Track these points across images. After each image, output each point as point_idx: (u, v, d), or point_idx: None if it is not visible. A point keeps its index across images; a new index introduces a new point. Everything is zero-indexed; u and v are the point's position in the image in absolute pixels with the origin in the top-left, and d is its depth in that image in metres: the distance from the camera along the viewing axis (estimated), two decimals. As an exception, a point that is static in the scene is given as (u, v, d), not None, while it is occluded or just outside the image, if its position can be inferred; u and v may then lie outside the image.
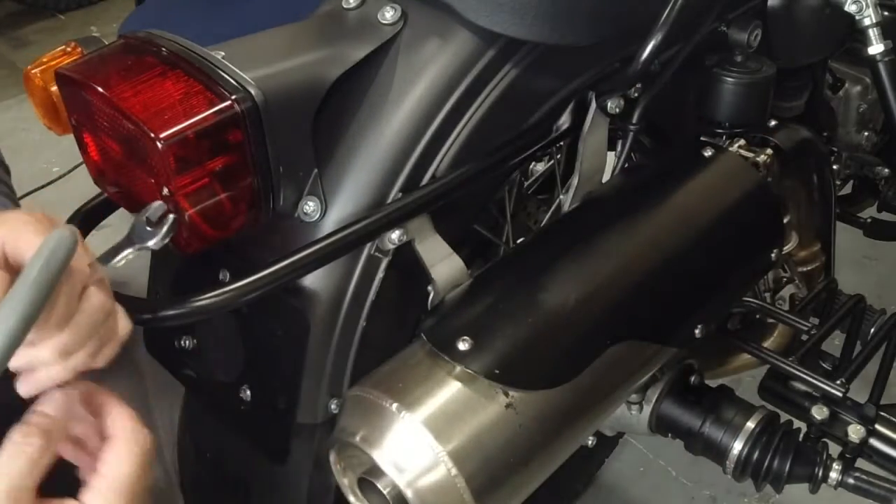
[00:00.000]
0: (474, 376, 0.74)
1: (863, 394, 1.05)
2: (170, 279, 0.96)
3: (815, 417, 1.01)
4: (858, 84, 1.43)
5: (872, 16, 1.03)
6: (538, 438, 0.76)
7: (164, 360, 0.96)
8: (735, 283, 1.02)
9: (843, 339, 1.18)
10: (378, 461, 0.71)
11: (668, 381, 1.00)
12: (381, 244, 0.84)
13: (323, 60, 0.80)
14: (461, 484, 0.71)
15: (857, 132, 1.47)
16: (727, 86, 1.05)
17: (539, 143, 0.94)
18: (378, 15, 0.85)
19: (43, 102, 0.92)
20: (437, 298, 0.85)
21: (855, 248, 2.12)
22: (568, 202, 1.00)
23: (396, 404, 0.72)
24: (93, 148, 0.78)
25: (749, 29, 1.05)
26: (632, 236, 0.91)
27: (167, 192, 0.71)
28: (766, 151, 1.07)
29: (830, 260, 1.34)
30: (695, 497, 1.72)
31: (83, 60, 0.77)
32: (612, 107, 0.96)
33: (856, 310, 1.21)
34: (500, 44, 0.86)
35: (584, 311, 0.83)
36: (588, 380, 0.80)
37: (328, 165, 0.82)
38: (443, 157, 0.86)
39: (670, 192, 0.97)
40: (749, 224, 1.00)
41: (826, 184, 1.28)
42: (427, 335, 0.78)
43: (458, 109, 0.85)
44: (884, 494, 0.98)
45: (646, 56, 0.91)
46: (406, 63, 0.84)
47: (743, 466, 0.98)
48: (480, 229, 1.13)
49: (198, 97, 0.71)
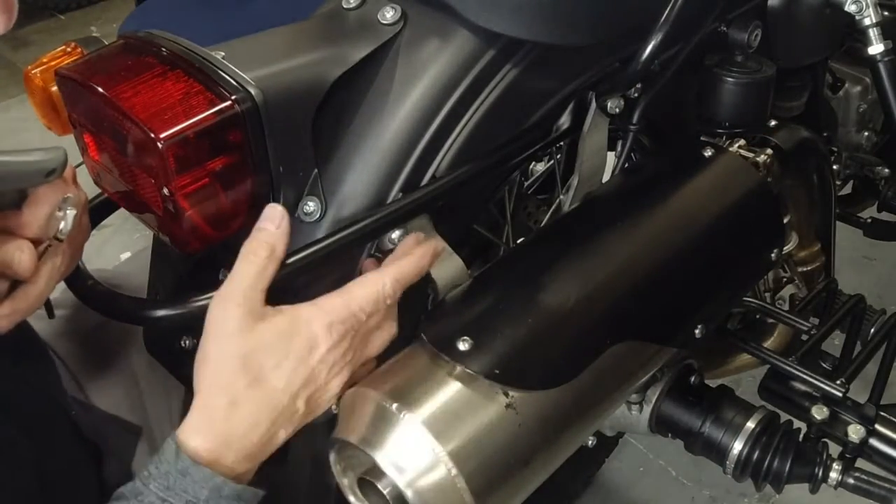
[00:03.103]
0: (474, 376, 0.74)
1: (863, 394, 1.05)
2: (170, 279, 0.96)
3: (815, 417, 1.01)
4: (858, 84, 1.43)
5: (872, 16, 1.03)
6: (538, 438, 0.76)
7: (164, 360, 0.96)
8: (735, 283, 1.02)
9: (843, 339, 1.18)
10: (378, 461, 0.71)
11: (668, 381, 1.00)
12: (381, 244, 0.84)
13: (323, 60, 0.80)
14: (461, 484, 0.71)
15: (857, 132, 1.47)
16: (727, 86, 1.05)
17: (539, 143, 0.94)
18: (378, 15, 0.85)
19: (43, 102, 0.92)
20: (437, 298, 0.85)
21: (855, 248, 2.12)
22: (568, 202, 1.00)
23: (397, 404, 0.72)
24: (93, 148, 0.78)
25: (749, 29, 1.05)
26: (632, 236, 0.91)
27: (167, 192, 0.71)
28: (766, 151, 1.07)
29: (830, 260, 1.34)
30: (695, 497, 1.72)
31: (83, 60, 0.77)
32: (612, 107, 0.96)
33: (856, 310, 1.21)
34: (500, 44, 0.86)
35: (584, 311, 0.83)
36: (588, 380, 0.80)
37: (328, 165, 0.82)
38: (443, 157, 0.86)
39: (670, 192, 0.97)
40: (749, 224, 1.00)
41: (826, 184, 1.28)
42: (427, 335, 0.78)
43: (458, 109, 0.85)
44: (884, 494, 0.98)
45: (646, 56, 0.91)
46: (406, 63, 0.84)
47: (743, 466, 0.98)
48: (480, 229, 1.13)
49: (198, 97, 0.71)
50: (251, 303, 0.71)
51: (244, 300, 0.71)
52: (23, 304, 0.73)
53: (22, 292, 0.73)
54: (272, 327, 0.71)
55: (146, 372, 1.02)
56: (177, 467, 0.68)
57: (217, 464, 0.70)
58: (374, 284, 0.76)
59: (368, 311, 0.75)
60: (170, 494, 0.68)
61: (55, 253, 0.74)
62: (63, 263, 0.76)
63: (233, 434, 0.70)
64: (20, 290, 0.73)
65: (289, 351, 0.71)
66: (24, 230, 0.71)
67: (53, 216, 0.72)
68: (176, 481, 0.68)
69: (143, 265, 0.98)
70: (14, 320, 0.73)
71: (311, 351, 0.72)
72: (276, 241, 0.73)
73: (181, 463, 0.68)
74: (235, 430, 0.70)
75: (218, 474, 0.69)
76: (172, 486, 0.68)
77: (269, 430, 0.72)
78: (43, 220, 0.71)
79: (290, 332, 0.72)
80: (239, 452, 0.71)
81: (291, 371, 0.72)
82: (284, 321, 0.72)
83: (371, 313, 0.76)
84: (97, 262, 0.94)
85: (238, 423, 0.70)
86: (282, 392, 0.71)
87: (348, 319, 0.74)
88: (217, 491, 0.69)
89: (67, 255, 0.77)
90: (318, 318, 0.73)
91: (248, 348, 0.70)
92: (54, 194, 0.72)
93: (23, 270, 0.71)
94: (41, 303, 0.75)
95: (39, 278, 0.73)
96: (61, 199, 0.72)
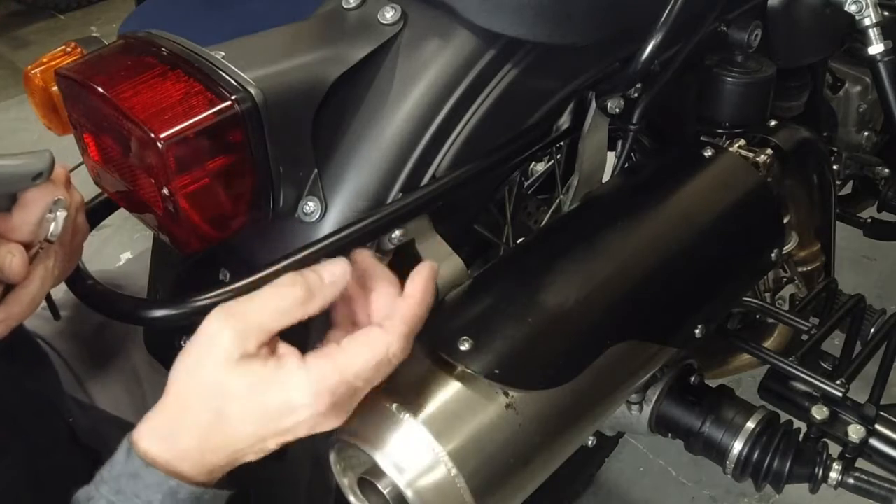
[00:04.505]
0: (474, 376, 0.74)
1: (863, 394, 1.05)
2: (170, 279, 0.96)
3: (815, 417, 1.01)
4: (858, 84, 1.43)
5: (872, 16, 1.04)
6: (538, 438, 0.76)
7: (164, 360, 0.96)
8: (735, 283, 1.02)
9: (843, 339, 1.18)
10: (378, 461, 0.71)
11: (668, 381, 1.00)
12: (382, 244, 0.84)
13: (323, 60, 0.80)
14: (461, 484, 0.71)
15: (857, 132, 1.47)
16: (727, 86, 1.05)
17: (539, 143, 0.94)
18: (378, 15, 0.85)
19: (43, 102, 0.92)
20: (437, 298, 0.85)
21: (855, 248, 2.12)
22: (568, 202, 1.00)
23: (396, 404, 0.72)
24: (93, 148, 0.78)
25: (749, 29, 1.05)
26: (632, 236, 0.91)
27: (167, 192, 0.71)
28: (766, 151, 1.07)
29: (830, 260, 1.34)
30: (695, 497, 1.72)
31: (83, 60, 0.77)
32: (612, 107, 0.96)
33: (856, 310, 1.21)
34: (500, 44, 0.86)
35: (584, 311, 0.83)
36: (588, 380, 0.80)
37: (328, 165, 0.82)
38: (443, 157, 0.86)
39: (670, 192, 0.97)
40: (749, 224, 1.00)
41: (826, 184, 1.28)
42: (427, 335, 0.78)
43: (458, 109, 0.85)
44: (884, 494, 0.98)
45: (646, 56, 0.91)
46: (406, 63, 0.84)
47: (743, 466, 0.98)
48: (480, 229, 1.13)
49: (198, 97, 0.71)
50: (248, 341, 0.64)
51: (244, 333, 0.64)
52: (16, 308, 0.72)
53: (14, 297, 0.72)
54: (250, 376, 0.64)
55: (148, 372, 1.02)
56: (127, 469, 0.64)
57: (171, 467, 0.64)
58: (376, 345, 0.67)
59: (367, 378, 0.67)
60: (120, 499, 0.63)
61: (47, 256, 0.74)
62: (57, 266, 0.76)
63: (189, 450, 0.65)
64: (13, 294, 0.72)
65: (259, 408, 0.65)
66: (14, 234, 0.71)
67: (44, 219, 0.72)
68: (127, 484, 0.64)
69: (145, 266, 0.98)
70: (9, 325, 0.73)
71: (284, 415, 0.65)
72: (322, 291, 0.67)
73: (132, 464, 0.64)
74: (192, 447, 0.65)
75: (172, 477, 0.64)
76: (123, 490, 0.63)
77: (231, 457, 0.67)
78: (33, 223, 0.71)
79: (265, 391, 0.65)
80: (195, 467, 0.65)
81: (258, 426, 0.65)
82: (265, 374, 0.64)
83: (371, 380, 0.67)
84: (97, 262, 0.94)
85: (196, 442, 0.65)
86: (245, 437, 0.66)
87: (339, 387, 0.65)
88: (172, 495, 0.63)
89: (61, 257, 0.77)
90: (301, 386, 0.65)
91: (219, 385, 0.64)
92: (44, 197, 0.71)
93: (14, 274, 0.70)
94: (35, 306, 0.75)
95: (32, 282, 0.73)
96: (51, 202, 0.72)
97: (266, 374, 0.65)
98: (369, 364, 0.66)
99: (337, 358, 0.66)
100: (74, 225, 0.78)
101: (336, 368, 0.65)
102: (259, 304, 0.66)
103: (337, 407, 0.66)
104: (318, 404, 0.65)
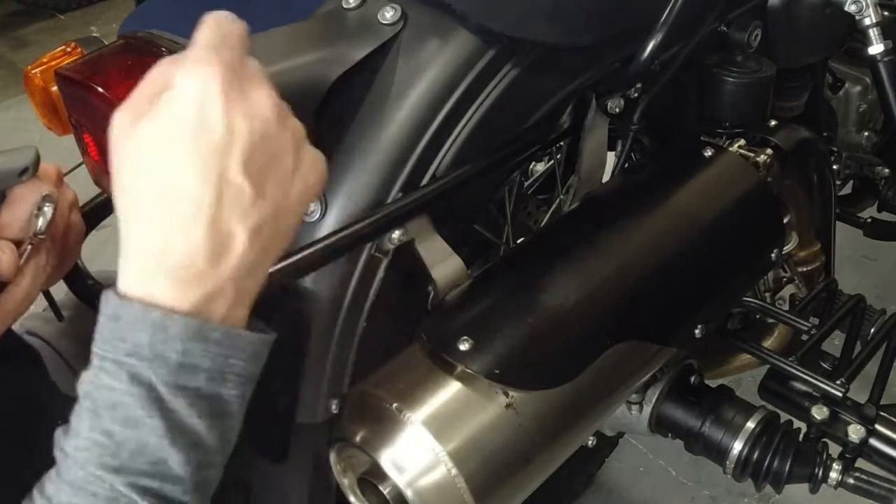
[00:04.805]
0: (474, 376, 0.74)
1: (863, 394, 1.05)
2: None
3: (815, 417, 1.01)
4: (858, 84, 1.43)
5: (872, 16, 1.03)
6: (538, 438, 0.76)
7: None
8: (735, 284, 1.02)
9: (843, 339, 1.18)
10: (378, 461, 0.71)
11: (668, 381, 1.00)
12: (381, 244, 0.84)
13: (323, 60, 0.80)
14: (461, 484, 0.71)
15: (857, 132, 1.47)
16: (727, 86, 1.05)
17: (539, 143, 0.94)
18: (378, 15, 0.85)
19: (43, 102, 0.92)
20: (437, 299, 0.85)
21: (855, 248, 2.12)
22: (568, 202, 1.00)
23: (397, 404, 0.72)
24: (93, 148, 0.78)
25: (749, 29, 1.05)
26: (632, 236, 0.91)
27: (167, 192, 0.71)
28: (766, 151, 1.07)
29: (830, 260, 1.34)
30: (695, 497, 1.72)
31: (83, 60, 0.77)
32: (613, 107, 0.96)
33: (856, 310, 1.21)
34: (500, 44, 0.86)
35: (584, 312, 0.83)
36: (588, 380, 0.80)
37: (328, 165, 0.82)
38: (443, 157, 0.86)
39: (670, 192, 0.97)
40: (749, 224, 1.00)
41: (826, 184, 1.28)
42: (427, 335, 0.78)
43: (458, 109, 0.85)
44: (884, 494, 0.98)
45: (646, 56, 0.91)
46: (406, 63, 0.84)
47: (743, 466, 0.99)
48: (480, 229, 1.13)
49: (198, 97, 0.71)
50: None
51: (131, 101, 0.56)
52: (9, 305, 0.72)
53: (7, 294, 0.72)
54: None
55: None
56: (107, 314, 0.55)
57: (153, 296, 0.54)
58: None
59: None
60: (106, 350, 0.54)
61: (38, 252, 0.74)
62: (49, 263, 0.76)
63: (163, 254, 0.54)
64: (5, 292, 0.72)
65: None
66: (3, 231, 0.71)
67: (32, 215, 0.72)
68: (111, 332, 0.54)
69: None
70: (4, 322, 0.73)
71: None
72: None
73: (110, 307, 0.54)
74: (159, 249, 0.54)
75: (154, 307, 0.53)
76: (108, 339, 0.54)
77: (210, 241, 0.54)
78: (22, 219, 0.71)
79: None
80: (174, 274, 0.53)
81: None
82: None
83: None
84: (97, 262, 0.94)
85: (162, 239, 0.54)
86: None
87: None
88: (161, 330, 0.53)
89: (54, 253, 0.77)
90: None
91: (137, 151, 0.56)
92: (31, 193, 0.72)
93: (4, 271, 0.70)
94: (28, 304, 0.75)
95: (23, 279, 0.73)
96: (39, 198, 0.72)
97: None
98: None
99: None
100: (68, 222, 0.78)
101: None
102: None
103: None
104: None
